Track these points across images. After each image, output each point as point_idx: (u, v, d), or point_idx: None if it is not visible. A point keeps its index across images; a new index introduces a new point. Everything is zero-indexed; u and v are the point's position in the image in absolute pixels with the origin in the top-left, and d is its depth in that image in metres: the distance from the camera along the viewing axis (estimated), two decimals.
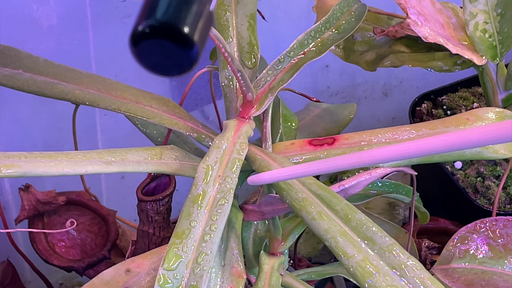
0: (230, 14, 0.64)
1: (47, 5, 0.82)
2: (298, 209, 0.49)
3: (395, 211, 1.16)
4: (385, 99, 1.24)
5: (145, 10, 0.33)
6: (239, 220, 0.58)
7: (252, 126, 0.58)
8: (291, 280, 0.61)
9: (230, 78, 0.61)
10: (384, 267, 0.45)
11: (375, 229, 0.47)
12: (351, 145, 0.58)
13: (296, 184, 0.52)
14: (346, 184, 0.56)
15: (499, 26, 0.77)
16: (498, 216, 0.77)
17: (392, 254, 0.46)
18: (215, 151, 0.53)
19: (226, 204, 0.49)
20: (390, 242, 0.46)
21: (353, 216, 0.48)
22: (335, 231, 0.47)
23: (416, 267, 0.45)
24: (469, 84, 1.04)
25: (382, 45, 0.84)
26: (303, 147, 0.59)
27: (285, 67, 0.61)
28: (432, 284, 0.45)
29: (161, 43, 0.33)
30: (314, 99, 0.67)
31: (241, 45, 0.63)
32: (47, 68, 0.63)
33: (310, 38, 0.63)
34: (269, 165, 0.54)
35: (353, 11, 0.66)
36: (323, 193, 0.50)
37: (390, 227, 0.76)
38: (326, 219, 0.48)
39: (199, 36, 0.33)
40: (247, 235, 0.64)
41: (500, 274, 0.63)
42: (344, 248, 0.46)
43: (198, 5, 0.34)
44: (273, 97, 0.59)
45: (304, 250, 1.07)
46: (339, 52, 0.85)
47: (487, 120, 0.59)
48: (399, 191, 0.73)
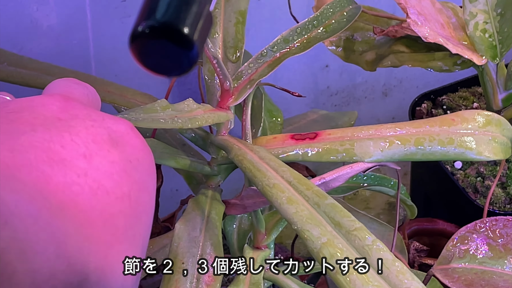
0: (218, 11, 0.65)
1: (47, 5, 0.82)
2: (269, 195, 0.49)
3: (395, 211, 1.16)
4: (385, 99, 1.24)
5: (144, 11, 0.33)
6: (220, 211, 0.58)
7: (229, 116, 0.58)
8: (282, 276, 0.61)
9: (213, 70, 0.62)
10: (349, 249, 0.45)
11: (343, 213, 0.47)
12: (333, 140, 0.58)
13: (270, 171, 0.51)
14: (327, 178, 0.57)
15: (499, 26, 0.77)
16: (491, 213, 0.77)
17: (358, 237, 0.45)
18: (183, 105, 0.54)
19: (170, 122, 0.51)
20: (357, 225, 0.46)
21: (323, 202, 0.48)
22: (302, 215, 0.46)
23: (382, 250, 0.45)
24: (469, 84, 1.04)
25: (382, 45, 0.84)
26: (285, 141, 0.59)
27: (267, 61, 0.61)
28: (395, 265, 0.44)
29: (161, 44, 0.33)
30: (296, 94, 0.67)
31: (226, 40, 0.64)
32: (31, 64, 0.65)
33: (295, 34, 0.63)
34: (245, 153, 0.54)
35: (345, 11, 0.65)
36: (294, 180, 0.50)
37: (384, 229, 0.76)
38: (295, 203, 0.48)
39: (199, 36, 0.33)
40: (231, 229, 0.65)
41: (500, 274, 0.63)
42: (310, 231, 0.45)
43: (198, 5, 0.34)
44: (252, 88, 0.59)
45: (304, 250, 1.07)
46: (339, 52, 0.85)
47: (473, 122, 0.59)
48: (385, 184, 0.73)
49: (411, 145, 0.57)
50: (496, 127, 0.59)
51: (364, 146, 0.57)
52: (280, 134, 0.60)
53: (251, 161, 0.53)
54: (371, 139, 0.57)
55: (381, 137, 0.57)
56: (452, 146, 0.57)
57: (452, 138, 0.57)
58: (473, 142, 0.57)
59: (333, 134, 0.58)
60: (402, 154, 0.57)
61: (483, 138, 0.58)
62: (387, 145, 0.57)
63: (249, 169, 0.52)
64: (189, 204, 0.59)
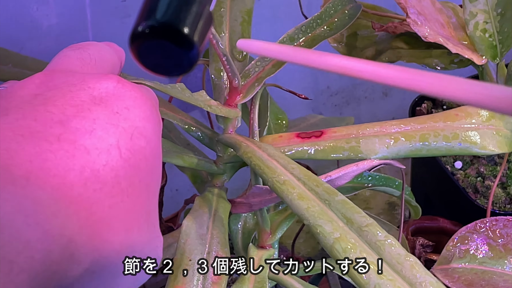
0: (224, 10, 0.65)
1: (47, 5, 0.82)
2: (280, 191, 0.49)
3: (395, 211, 1.16)
4: (385, 99, 1.24)
5: (144, 11, 0.33)
6: (226, 210, 0.58)
7: (237, 113, 0.58)
8: (285, 276, 0.61)
9: (220, 69, 0.62)
10: (362, 244, 0.45)
11: (354, 209, 0.47)
12: (339, 138, 0.58)
13: (279, 168, 0.52)
14: (333, 175, 0.57)
15: (499, 25, 0.77)
16: (491, 213, 0.77)
17: (370, 233, 0.45)
18: (197, 96, 0.54)
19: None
20: (369, 221, 0.46)
21: (334, 198, 0.48)
22: (314, 211, 0.47)
23: (394, 245, 0.45)
24: None
25: (383, 42, 0.84)
26: (291, 139, 0.59)
27: (274, 59, 0.61)
28: (407, 260, 0.44)
29: (161, 44, 0.33)
30: (302, 96, 0.67)
31: (232, 39, 0.64)
32: (36, 65, 0.64)
33: (300, 32, 0.63)
34: (253, 151, 0.54)
35: (347, 9, 0.66)
36: (304, 177, 0.50)
37: (387, 228, 0.76)
38: (306, 199, 0.48)
39: (199, 36, 0.33)
40: (236, 228, 0.65)
41: (500, 274, 0.63)
42: (323, 226, 0.45)
43: (198, 5, 0.34)
44: (260, 87, 0.60)
45: (304, 250, 1.07)
46: (340, 48, 0.85)
47: (477, 116, 0.59)
48: (389, 184, 0.73)
49: (416, 141, 0.57)
50: (500, 121, 0.59)
51: (369, 143, 0.57)
52: (286, 133, 0.60)
53: (260, 158, 0.53)
54: (376, 136, 0.57)
55: (386, 134, 0.58)
56: (457, 141, 0.57)
57: (456, 133, 0.57)
58: (477, 136, 0.58)
59: (339, 132, 0.59)
60: (407, 150, 0.57)
61: (487, 132, 0.58)
62: (392, 141, 0.57)
63: (258, 166, 0.52)
64: (196, 201, 0.59)
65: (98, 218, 0.30)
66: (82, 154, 0.31)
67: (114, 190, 0.31)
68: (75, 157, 0.30)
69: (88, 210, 0.30)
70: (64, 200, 0.29)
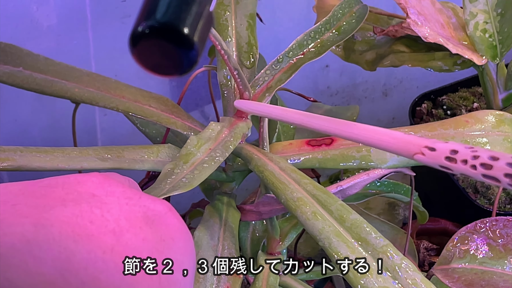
0: (229, 14, 0.64)
1: (47, 5, 0.82)
2: (293, 209, 0.49)
3: (395, 211, 1.16)
4: (385, 99, 1.24)
5: (144, 11, 0.33)
6: (236, 219, 0.58)
7: (248, 125, 0.58)
8: (290, 280, 0.61)
9: (228, 77, 0.61)
10: (377, 268, 0.45)
11: (369, 230, 0.47)
12: (349, 146, 0.57)
13: (292, 183, 0.51)
14: (344, 185, 0.56)
15: (499, 26, 0.77)
16: (498, 216, 0.77)
17: (386, 255, 0.46)
18: (209, 132, 0.54)
19: (213, 163, 0.49)
20: (384, 243, 0.46)
21: (348, 217, 0.48)
22: (329, 231, 0.47)
23: (410, 269, 0.45)
24: (469, 84, 1.04)
25: (382, 45, 0.84)
26: (301, 147, 0.59)
27: (284, 67, 0.61)
28: (425, 286, 0.44)
29: (161, 44, 0.33)
30: (311, 99, 0.67)
31: (239, 45, 0.63)
32: (47, 66, 0.63)
33: (309, 38, 0.63)
34: (265, 164, 0.54)
35: (354, 12, 0.65)
36: (318, 193, 0.50)
37: (389, 228, 0.76)
38: (321, 219, 0.48)
39: (199, 37, 0.33)
40: (245, 235, 0.64)
41: (500, 274, 0.63)
42: (338, 249, 0.46)
43: (198, 5, 0.34)
44: (271, 96, 0.59)
45: (304, 250, 1.07)
46: (339, 51, 0.85)
47: (486, 122, 0.59)
48: (398, 190, 0.73)
49: None
50: (509, 127, 0.59)
51: (380, 152, 0.56)
52: (296, 140, 0.60)
53: (272, 172, 0.53)
54: None
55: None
56: None
57: (467, 140, 0.57)
58: (487, 144, 0.57)
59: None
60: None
61: (497, 139, 0.58)
62: None
63: (271, 181, 0.52)
64: (206, 210, 0.58)
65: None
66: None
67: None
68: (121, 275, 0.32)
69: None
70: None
